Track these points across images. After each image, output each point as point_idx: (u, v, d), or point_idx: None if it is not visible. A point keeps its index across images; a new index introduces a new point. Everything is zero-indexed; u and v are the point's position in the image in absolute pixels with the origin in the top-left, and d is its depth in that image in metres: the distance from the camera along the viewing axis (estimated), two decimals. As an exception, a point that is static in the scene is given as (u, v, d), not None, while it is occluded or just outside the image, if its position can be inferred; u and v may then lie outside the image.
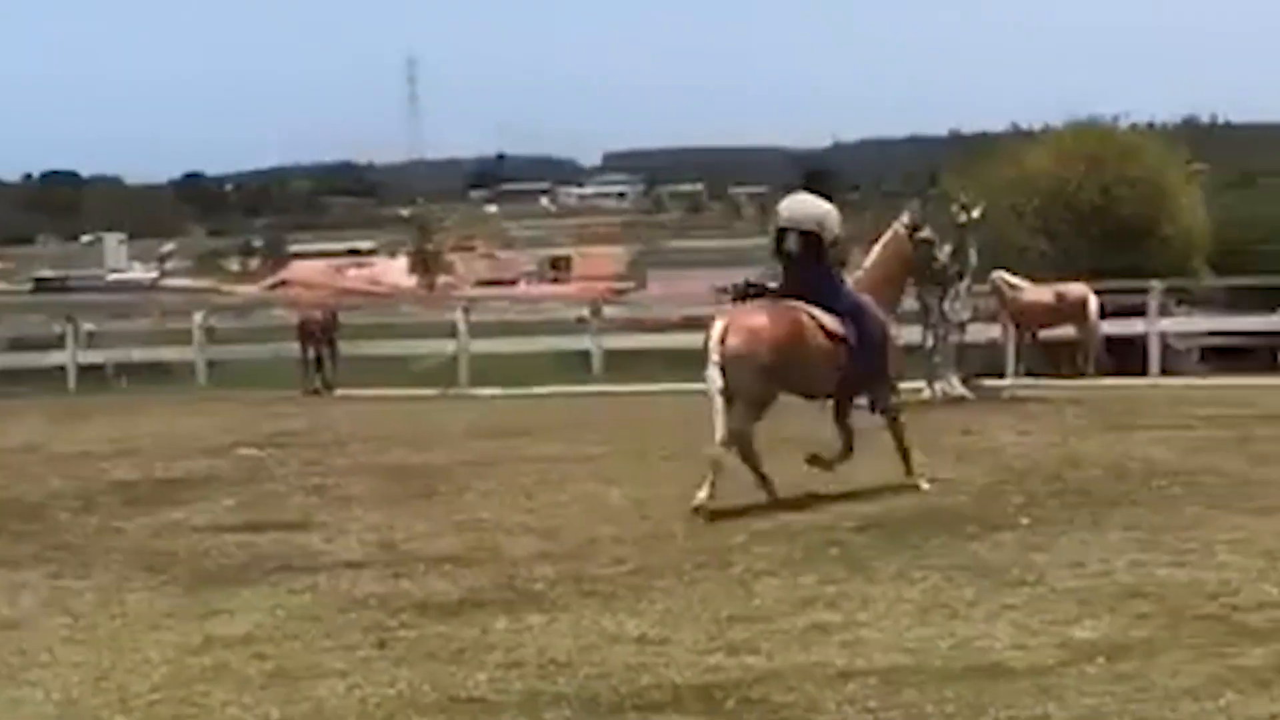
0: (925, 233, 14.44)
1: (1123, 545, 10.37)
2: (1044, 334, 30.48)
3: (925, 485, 13.10)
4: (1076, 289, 29.91)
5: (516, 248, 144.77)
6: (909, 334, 24.61)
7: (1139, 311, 32.18)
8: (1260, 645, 7.75)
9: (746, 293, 13.21)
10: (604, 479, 14.35)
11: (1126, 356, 30.82)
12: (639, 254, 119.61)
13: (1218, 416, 17.27)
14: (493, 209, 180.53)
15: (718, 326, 12.71)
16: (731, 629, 8.68)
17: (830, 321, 12.96)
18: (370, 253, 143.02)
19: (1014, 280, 30.07)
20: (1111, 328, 30.91)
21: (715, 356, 12.56)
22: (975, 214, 22.09)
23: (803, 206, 13.21)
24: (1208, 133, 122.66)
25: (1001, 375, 28.45)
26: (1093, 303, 29.63)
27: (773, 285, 13.17)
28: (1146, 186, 37.30)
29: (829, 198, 13.32)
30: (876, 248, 14.09)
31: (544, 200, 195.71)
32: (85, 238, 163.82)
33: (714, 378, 12.53)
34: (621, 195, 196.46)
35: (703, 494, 12.15)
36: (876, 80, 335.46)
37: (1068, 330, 30.02)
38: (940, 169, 43.16)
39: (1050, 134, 40.75)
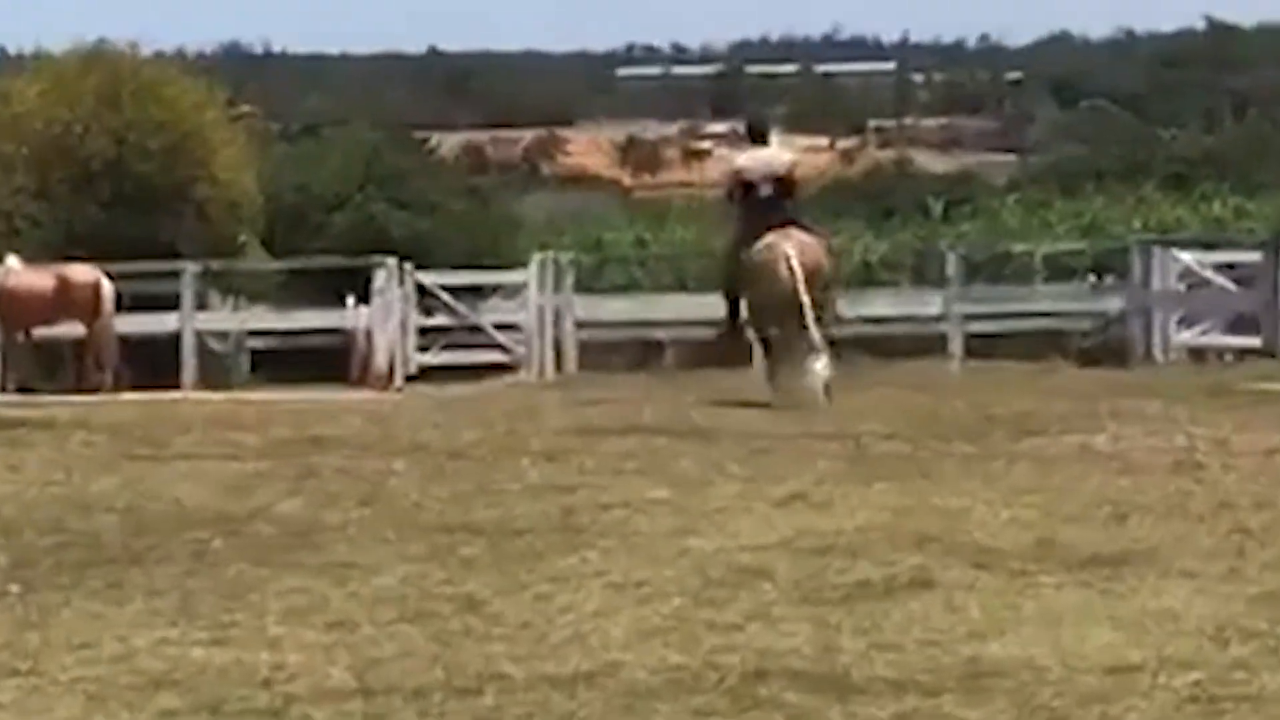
0: None
1: (147, 618, 10.40)
2: (41, 332, 30.45)
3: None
4: (85, 273, 29.98)
5: None
6: None
7: (170, 304, 32.58)
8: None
9: None
10: None
11: (154, 362, 31.14)
12: None
13: (273, 442, 17.63)
14: None
15: (789, 249, 19.73)
16: None
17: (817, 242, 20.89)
18: None
19: (12, 262, 29.92)
20: (133, 324, 31.19)
21: (799, 271, 19.61)
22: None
23: (766, 158, 20.50)
24: (258, 65, 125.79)
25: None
26: (107, 290, 29.77)
27: None
28: (175, 135, 37.73)
29: (766, 141, 21.21)
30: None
31: None
32: None
33: (800, 289, 19.56)
34: None
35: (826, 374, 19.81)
36: None
37: (75, 327, 30.08)
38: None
39: (47, 62, 40.54)
